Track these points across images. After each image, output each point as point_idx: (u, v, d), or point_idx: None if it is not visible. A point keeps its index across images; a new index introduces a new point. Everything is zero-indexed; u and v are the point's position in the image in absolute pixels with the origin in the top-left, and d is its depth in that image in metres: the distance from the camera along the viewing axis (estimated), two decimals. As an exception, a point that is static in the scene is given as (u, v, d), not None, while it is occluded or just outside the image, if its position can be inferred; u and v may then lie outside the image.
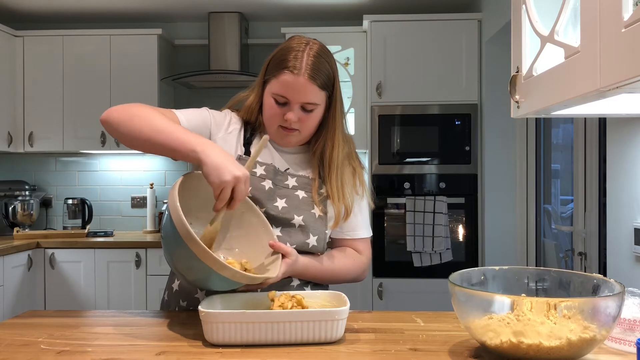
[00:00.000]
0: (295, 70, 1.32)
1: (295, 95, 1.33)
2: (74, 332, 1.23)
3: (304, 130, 1.39)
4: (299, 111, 1.35)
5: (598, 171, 2.40)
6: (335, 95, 1.39)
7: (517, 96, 1.26)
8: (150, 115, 1.26)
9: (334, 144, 1.41)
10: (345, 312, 1.13)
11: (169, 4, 3.93)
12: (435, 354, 1.07)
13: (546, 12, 1.16)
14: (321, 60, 1.34)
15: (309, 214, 1.39)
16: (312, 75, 1.32)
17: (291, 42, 1.38)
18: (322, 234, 1.40)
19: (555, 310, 0.96)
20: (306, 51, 1.34)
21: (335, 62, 1.41)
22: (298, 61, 1.32)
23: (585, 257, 2.49)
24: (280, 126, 1.38)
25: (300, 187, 1.42)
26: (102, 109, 1.36)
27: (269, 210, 1.37)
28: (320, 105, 1.37)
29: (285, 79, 1.33)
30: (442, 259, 3.55)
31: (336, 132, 1.41)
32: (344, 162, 1.44)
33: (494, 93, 3.50)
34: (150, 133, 1.23)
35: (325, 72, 1.35)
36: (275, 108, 1.36)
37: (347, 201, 1.42)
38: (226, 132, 1.44)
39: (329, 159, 1.41)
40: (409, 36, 3.65)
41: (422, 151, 3.66)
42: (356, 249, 1.49)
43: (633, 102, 1.11)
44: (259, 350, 1.08)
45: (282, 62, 1.34)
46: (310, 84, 1.32)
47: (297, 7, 3.96)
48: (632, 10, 0.81)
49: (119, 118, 1.27)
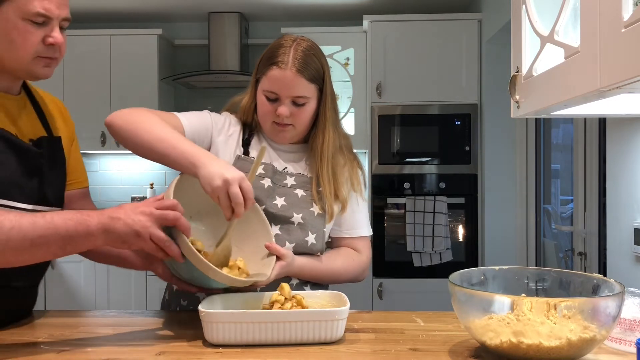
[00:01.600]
0: (282, 65, 1.33)
1: (285, 90, 1.34)
2: (74, 332, 1.23)
3: (297, 125, 1.39)
4: (291, 105, 1.36)
5: (598, 171, 2.40)
6: (326, 89, 1.40)
7: (517, 96, 1.26)
8: (152, 123, 1.26)
9: (324, 136, 1.41)
10: (345, 312, 1.13)
11: (169, 4, 3.93)
12: (435, 354, 1.07)
13: (546, 12, 1.16)
14: (308, 54, 1.36)
15: (308, 211, 1.40)
16: (299, 68, 1.33)
17: (280, 40, 1.40)
18: (321, 231, 1.41)
19: (555, 310, 0.96)
20: (293, 46, 1.35)
21: (325, 58, 1.42)
22: (286, 56, 1.34)
23: (585, 257, 2.49)
24: (274, 122, 1.38)
25: (299, 186, 1.42)
26: (102, 109, 1.38)
27: (268, 208, 1.37)
28: (311, 98, 1.37)
29: (273, 74, 1.34)
30: (442, 259, 3.55)
31: (326, 125, 1.41)
32: (336, 155, 1.44)
33: (494, 93, 3.50)
34: (151, 142, 1.23)
35: (313, 66, 1.36)
36: (267, 105, 1.37)
37: (341, 194, 1.43)
38: (227, 135, 1.44)
39: (320, 151, 1.41)
40: (409, 36, 3.65)
41: (422, 151, 3.66)
42: (355, 248, 1.49)
43: (633, 102, 1.11)
44: (259, 350, 1.08)
45: (270, 58, 1.36)
46: (298, 77, 1.33)
47: (297, 7, 3.96)
48: (632, 10, 0.81)
49: (122, 124, 1.28)
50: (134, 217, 1.07)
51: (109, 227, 1.06)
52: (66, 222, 1.05)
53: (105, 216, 1.07)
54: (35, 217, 1.04)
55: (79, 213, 1.07)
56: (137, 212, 1.07)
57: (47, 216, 1.05)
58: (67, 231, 1.04)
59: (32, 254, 1.05)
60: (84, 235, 1.06)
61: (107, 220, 1.06)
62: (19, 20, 1.12)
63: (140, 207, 1.09)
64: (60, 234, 1.04)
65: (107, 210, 1.09)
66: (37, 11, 1.12)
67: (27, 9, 1.12)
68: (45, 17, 1.14)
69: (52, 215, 1.05)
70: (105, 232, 1.06)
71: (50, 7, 1.14)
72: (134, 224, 1.06)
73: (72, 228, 1.05)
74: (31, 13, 1.12)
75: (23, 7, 1.12)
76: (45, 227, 1.03)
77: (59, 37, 1.17)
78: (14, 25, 1.12)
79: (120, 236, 1.07)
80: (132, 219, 1.06)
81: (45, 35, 1.16)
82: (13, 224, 1.01)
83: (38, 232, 1.03)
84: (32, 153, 1.20)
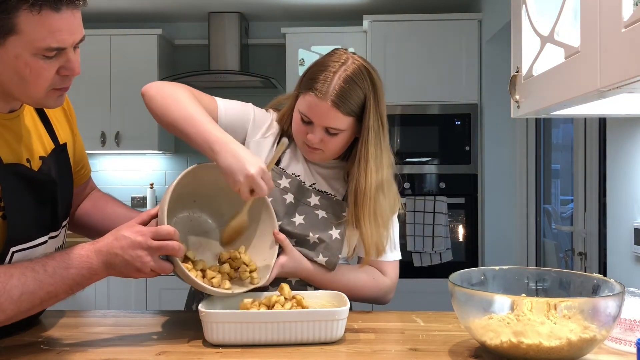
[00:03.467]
0: (319, 94, 1.27)
1: (318, 119, 1.29)
2: (74, 332, 1.23)
3: (327, 151, 1.34)
4: (322, 133, 1.30)
5: (598, 171, 2.40)
6: (368, 122, 1.31)
7: (517, 96, 1.26)
8: (183, 100, 1.25)
9: (362, 175, 1.32)
10: (346, 312, 1.13)
11: (169, 4, 3.93)
12: (435, 354, 1.07)
13: (546, 12, 1.16)
14: (352, 87, 1.27)
15: (327, 234, 1.35)
16: (336, 101, 1.26)
17: (330, 57, 1.32)
18: (335, 256, 1.35)
19: (555, 310, 0.96)
20: (338, 73, 1.28)
21: (375, 85, 1.32)
22: (326, 84, 1.27)
23: (585, 257, 2.49)
24: (304, 142, 1.34)
25: (322, 207, 1.37)
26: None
27: (285, 225, 1.33)
28: (345, 130, 1.31)
29: (310, 100, 1.28)
30: (442, 259, 3.55)
31: (368, 161, 1.32)
32: (378, 195, 1.34)
33: (494, 93, 3.50)
34: (176, 119, 1.23)
35: (354, 99, 1.28)
36: (301, 125, 1.33)
37: (382, 243, 1.37)
38: (263, 136, 1.40)
39: (355, 190, 1.33)
40: (409, 36, 3.65)
41: (422, 151, 3.66)
42: (381, 270, 1.43)
43: (633, 102, 1.11)
44: (259, 350, 1.08)
45: (312, 81, 1.29)
46: (334, 110, 1.27)
47: (297, 7, 3.96)
48: (632, 10, 0.81)
49: (153, 94, 1.29)
50: (131, 252, 1.07)
51: (109, 264, 1.08)
52: (69, 271, 1.05)
53: (103, 253, 1.08)
54: (38, 273, 1.03)
55: (76, 255, 1.07)
56: (134, 246, 1.07)
57: (48, 268, 1.04)
58: (73, 279, 1.06)
59: (41, 307, 1.08)
60: (89, 277, 1.08)
61: (106, 257, 1.08)
62: (30, 57, 0.97)
63: (137, 238, 1.07)
64: (67, 284, 1.06)
65: (103, 246, 1.08)
66: (50, 46, 0.97)
67: (39, 45, 0.96)
68: (59, 49, 0.99)
69: (53, 267, 1.04)
70: (107, 268, 1.09)
71: (63, 39, 0.98)
72: (132, 260, 1.07)
73: (77, 274, 1.06)
74: (43, 49, 0.97)
75: (34, 43, 0.95)
76: (51, 283, 1.04)
77: (76, 66, 1.05)
78: (25, 62, 0.97)
79: (121, 272, 1.09)
80: (130, 255, 1.07)
81: (60, 67, 1.02)
82: (21, 290, 1.01)
83: (45, 289, 1.03)
84: (47, 184, 1.14)
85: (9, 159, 1.07)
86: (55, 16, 0.96)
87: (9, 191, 1.05)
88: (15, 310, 1.01)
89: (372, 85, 1.32)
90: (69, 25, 0.99)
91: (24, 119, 1.14)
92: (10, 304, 1.00)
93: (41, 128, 1.19)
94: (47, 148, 1.18)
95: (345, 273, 1.38)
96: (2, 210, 1.05)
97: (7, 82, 1.01)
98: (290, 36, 3.86)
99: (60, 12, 0.96)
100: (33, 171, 1.12)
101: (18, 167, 1.08)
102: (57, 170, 1.18)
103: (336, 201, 1.38)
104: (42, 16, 0.94)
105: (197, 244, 1.29)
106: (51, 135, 1.21)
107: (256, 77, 3.81)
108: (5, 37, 0.94)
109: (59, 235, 1.20)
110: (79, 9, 1.01)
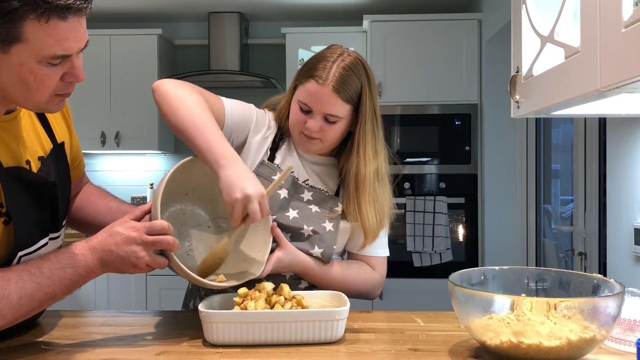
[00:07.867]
0: (320, 80, 1.30)
1: (318, 105, 1.32)
2: (74, 332, 1.23)
3: (325, 140, 1.37)
4: (321, 121, 1.33)
5: (598, 171, 2.40)
6: (364, 111, 1.35)
7: (517, 96, 1.26)
8: (193, 105, 1.26)
9: (361, 161, 1.36)
10: (345, 312, 1.13)
11: (169, 4, 3.93)
12: (435, 354, 1.07)
13: (546, 12, 1.16)
14: (350, 74, 1.32)
15: (320, 226, 1.38)
16: (336, 87, 1.30)
17: (327, 50, 1.37)
18: (330, 247, 1.38)
19: (555, 310, 0.96)
20: (337, 62, 1.32)
21: (369, 77, 1.37)
22: (325, 71, 1.31)
23: (585, 257, 2.49)
24: (302, 132, 1.36)
25: (315, 202, 1.40)
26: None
27: (279, 219, 1.35)
28: (343, 118, 1.34)
29: (310, 87, 1.32)
30: (442, 259, 3.55)
31: (366, 149, 1.37)
32: (374, 182, 1.39)
33: (494, 93, 3.50)
34: (185, 123, 1.24)
35: (352, 87, 1.32)
36: (299, 114, 1.35)
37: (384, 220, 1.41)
38: (263, 136, 1.43)
39: (354, 176, 1.37)
40: (409, 36, 3.65)
41: (422, 151, 3.66)
42: (370, 264, 1.47)
43: (633, 102, 1.11)
44: (259, 350, 1.09)
45: (311, 70, 1.33)
46: (334, 96, 1.30)
47: (297, 7, 3.96)
48: (632, 10, 0.81)
49: (163, 93, 1.29)
50: (126, 248, 1.07)
51: (105, 261, 1.08)
52: (65, 271, 1.05)
53: (98, 250, 1.08)
54: (35, 276, 1.03)
55: (71, 254, 1.07)
56: (128, 241, 1.07)
57: (44, 270, 1.04)
58: (70, 279, 1.06)
59: (40, 309, 1.07)
60: (85, 275, 1.08)
61: (101, 254, 1.08)
62: (35, 64, 0.95)
63: (131, 234, 1.08)
64: (64, 284, 1.05)
65: (97, 243, 1.08)
66: (56, 54, 0.96)
67: (45, 53, 0.95)
68: (64, 56, 0.98)
69: (49, 268, 1.04)
70: (102, 265, 1.09)
71: (70, 46, 0.97)
72: (127, 256, 1.07)
73: (73, 274, 1.06)
74: (49, 57, 0.96)
75: (40, 52, 0.94)
76: (48, 284, 1.04)
77: (80, 73, 1.03)
78: (30, 69, 0.96)
79: (117, 267, 1.09)
80: (125, 250, 1.07)
81: (65, 73, 1.01)
82: (20, 294, 1.01)
83: (44, 291, 1.03)
84: (47, 186, 1.14)
85: (8, 163, 1.06)
86: (63, 24, 0.94)
87: (11, 195, 1.05)
88: (14, 314, 1.01)
89: (367, 77, 1.36)
90: (75, 32, 0.97)
91: (22, 120, 1.13)
92: (10, 308, 1.00)
93: (39, 128, 1.19)
94: (45, 148, 1.18)
95: (338, 266, 1.41)
96: (4, 215, 1.05)
97: (9, 89, 1.00)
98: (290, 36, 3.86)
99: (67, 21, 0.95)
100: (33, 174, 1.12)
101: (18, 171, 1.08)
102: (56, 171, 1.18)
103: (329, 196, 1.42)
104: (50, 25, 0.93)
105: (190, 237, 1.30)
106: (49, 134, 1.21)
107: (256, 77, 3.81)
108: (10, 44, 0.93)
109: (59, 236, 1.20)
110: (85, 16, 1.00)
